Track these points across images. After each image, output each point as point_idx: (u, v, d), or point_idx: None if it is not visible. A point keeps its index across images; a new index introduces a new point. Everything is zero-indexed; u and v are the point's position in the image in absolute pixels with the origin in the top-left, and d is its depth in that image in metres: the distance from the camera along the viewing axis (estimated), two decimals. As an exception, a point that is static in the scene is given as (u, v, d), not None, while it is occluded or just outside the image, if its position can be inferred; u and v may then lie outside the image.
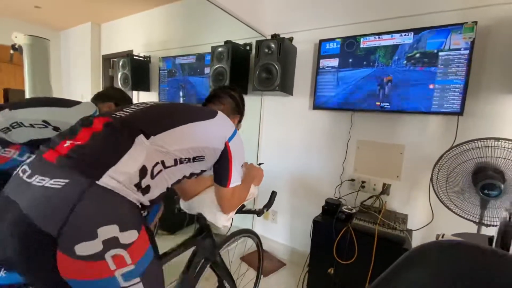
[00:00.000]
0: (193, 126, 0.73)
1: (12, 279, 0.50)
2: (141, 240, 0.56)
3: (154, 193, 0.65)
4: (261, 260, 1.39)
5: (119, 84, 2.90)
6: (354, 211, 1.59)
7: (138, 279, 0.54)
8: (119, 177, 0.55)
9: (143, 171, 0.59)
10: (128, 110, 0.70)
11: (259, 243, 1.35)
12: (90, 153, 0.57)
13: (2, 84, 3.61)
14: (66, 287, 0.49)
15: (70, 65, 3.94)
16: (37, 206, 0.48)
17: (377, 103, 1.63)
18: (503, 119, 1.36)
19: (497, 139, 1.00)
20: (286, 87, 1.85)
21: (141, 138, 0.61)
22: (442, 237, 0.84)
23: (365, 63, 1.65)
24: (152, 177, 0.62)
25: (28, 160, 0.59)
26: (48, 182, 0.51)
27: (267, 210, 1.09)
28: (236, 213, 1.01)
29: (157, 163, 0.63)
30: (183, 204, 1.03)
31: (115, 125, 0.63)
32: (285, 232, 2.14)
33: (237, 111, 1.09)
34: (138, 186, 0.59)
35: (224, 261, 1.12)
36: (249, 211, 1.08)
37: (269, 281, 1.79)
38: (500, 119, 1.37)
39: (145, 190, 0.61)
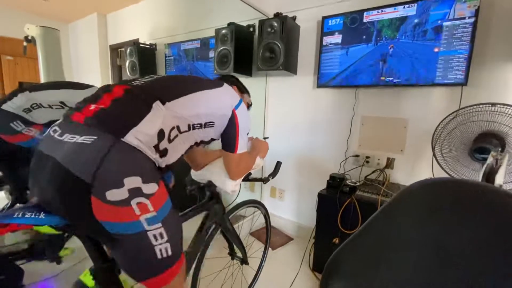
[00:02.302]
0: (203, 94, 0.79)
1: (50, 221, 0.58)
2: (160, 192, 0.64)
3: (170, 158, 0.72)
4: (268, 231, 1.47)
5: (127, 72, 2.98)
6: (358, 184, 1.64)
7: (159, 224, 0.63)
8: (140, 137, 0.62)
9: (161, 134, 0.66)
10: (143, 80, 0.76)
11: (266, 215, 1.43)
12: (114, 114, 0.64)
13: (16, 77, 3.76)
14: (99, 227, 0.57)
15: (79, 56, 4.03)
16: (72, 157, 0.56)
17: (381, 77, 1.64)
18: (508, 88, 1.36)
19: (494, 104, 1.02)
20: (289, 66, 1.87)
21: (158, 103, 0.67)
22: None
23: (368, 37, 1.65)
24: (170, 141, 0.69)
25: (57, 122, 0.66)
26: (79, 139, 0.58)
27: (272, 178, 1.15)
28: (243, 180, 1.08)
29: (173, 127, 0.70)
30: (194, 174, 1.10)
31: (134, 91, 0.70)
32: (292, 209, 2.22)
33: (244, 91, 1.14)
34: (156, 148, 0.66)
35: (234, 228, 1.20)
36: (255, 179, 1.14)
37: (277, 253, 1.88)
38: (505, 88, 1.36)
39: (163, 152, 0.68)
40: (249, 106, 1.15)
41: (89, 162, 0.55)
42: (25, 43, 2.58)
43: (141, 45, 2.95)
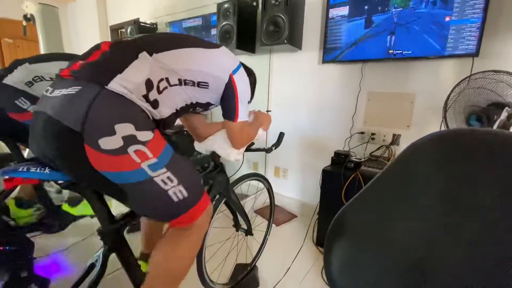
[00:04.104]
0: (197, 51, 0.76)
1: (54, 176, 0.59)
2: (157, 139, 0.63)
3: (163, 110, 0.70)
4: (272, 204, 1.48)
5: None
6: (362, 160, 1.63)
7: (164, 169, 0.62)
8: (126, 84, 0.60)
9: (149, 84, 0.64)
10: (132, 37, 0.75)
11: (269, 188, 1.43)
12: (99, 65, 0.63)
13: (18, 60, 3.73)
14: (104, 180, 0.57)
15: (80, 38, 3.98)
16: (60, 109, 0.56)
17: (389, 51, 1.59)
18: (522, 57, 1.30)
19: (497, 71, 0.97)
20: (294, 40, 1.82)
21: (144, 53, 0.65)
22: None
23: (376, 9, 1.59)
24: (159, 92, 0.67)
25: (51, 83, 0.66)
26: (65, 91, 0.58)
27: (275, 148, 1.15)
28: (245, 151, 1.07)
29: (162, 79, 0.67)
30: (198, 146, 1.10)
31: (121, 44, 0.69)
32: (296, 188, 2.23)
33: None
34: (146, 98, 0.64)
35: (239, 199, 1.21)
36: (259, 149, 1.13)
37: (281, 229, 1.90)
38: (518, 58, 1.31)
39: (154, 104, 0.66)
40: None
41: (76, 111, 0.54)
42: (24, 23, 2.54)
43: (141, 24, 2.88)
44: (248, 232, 1.28)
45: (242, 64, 0.92)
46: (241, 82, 0.86)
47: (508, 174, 0.40)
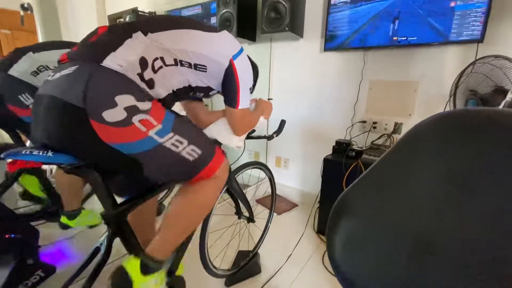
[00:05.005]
0: (194, 33, 0.75)
1: (58, 159, 0.59)
2: (156, 107, 0.65)
3: (159, 91, 0.70)
4: (273, 193, 1.48)
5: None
6: (364, 148, 1.62)
7: (171, 134, 0.65)
8: (120, 62, 0.60)
9: (143, 62, 0.64)
10: (130, 20, 0.74)
11: (271, 177, 1.43)
12: (94, 46, 0.64)
13: (16, 52, 3.69)
14: (115, 154, 0.59)
15: (78, 28, 3.92)
16: (60, 87, 0.57)
17: (394, 37, 1.56)
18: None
19: (497, 56, 0.96)
20: (296, 27, 1.79)
21: (139, 33, 0.66)
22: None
23: (379, -6, 1.55)
24: (154, 71, 0.67)
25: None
26: (64, 72, 0.59)
27: (276, 136, 1.14)
28: (246, 138, 1.07)
29: (157, 58, 0.67)
30: (199, 134, 1.09)
31: (117, 26, 0.70)
32: (297, 177, 2.23)
33: None
34: (141, 77, 0.64)
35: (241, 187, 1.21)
36: (260, 137, 1.13)
37: (282, 218, 1.92)
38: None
39: (149, 83, 0.66)
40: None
41: (74, 87, 0.55)
42: (22, 13, 2.50)
43: (140, 13, 2.83)
44: (250, 219, 1.29)
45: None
46: (242, 67, 0.85)
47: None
